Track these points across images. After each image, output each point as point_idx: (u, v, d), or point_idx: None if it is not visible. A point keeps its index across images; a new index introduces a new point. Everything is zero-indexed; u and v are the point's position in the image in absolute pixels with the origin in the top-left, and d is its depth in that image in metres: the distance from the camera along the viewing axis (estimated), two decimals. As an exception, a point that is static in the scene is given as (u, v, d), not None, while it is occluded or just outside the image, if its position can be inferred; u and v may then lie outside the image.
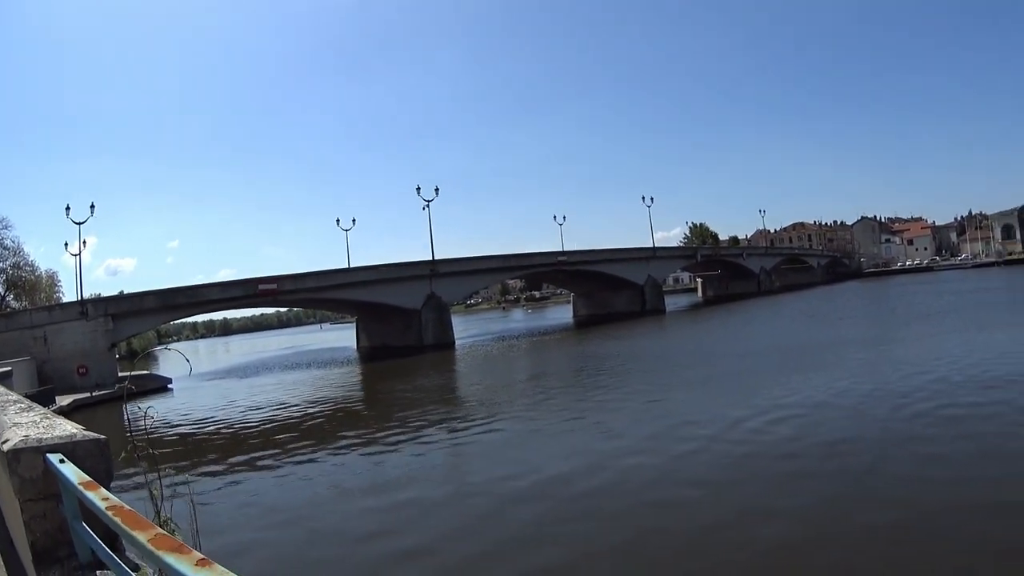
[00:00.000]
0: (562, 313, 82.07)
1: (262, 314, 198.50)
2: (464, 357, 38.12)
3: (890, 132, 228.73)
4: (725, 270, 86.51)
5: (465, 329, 70.45)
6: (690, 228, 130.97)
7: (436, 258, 49.40)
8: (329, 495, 10.93)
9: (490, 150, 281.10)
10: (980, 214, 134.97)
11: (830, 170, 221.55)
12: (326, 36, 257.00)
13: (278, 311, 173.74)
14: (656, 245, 74.59)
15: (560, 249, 60.78)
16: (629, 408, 16.07)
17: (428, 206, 51.30)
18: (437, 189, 52.72)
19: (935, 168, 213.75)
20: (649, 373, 21.91)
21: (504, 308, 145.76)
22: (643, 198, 74.69)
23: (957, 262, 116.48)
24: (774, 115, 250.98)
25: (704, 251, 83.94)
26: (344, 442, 15.37)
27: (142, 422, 6.55)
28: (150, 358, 59.54)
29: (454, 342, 47.70)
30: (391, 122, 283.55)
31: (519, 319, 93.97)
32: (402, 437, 15.17)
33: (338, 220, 53.38)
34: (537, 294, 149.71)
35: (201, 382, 37.11)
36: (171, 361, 47.12)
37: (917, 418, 11.79)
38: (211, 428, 20.67)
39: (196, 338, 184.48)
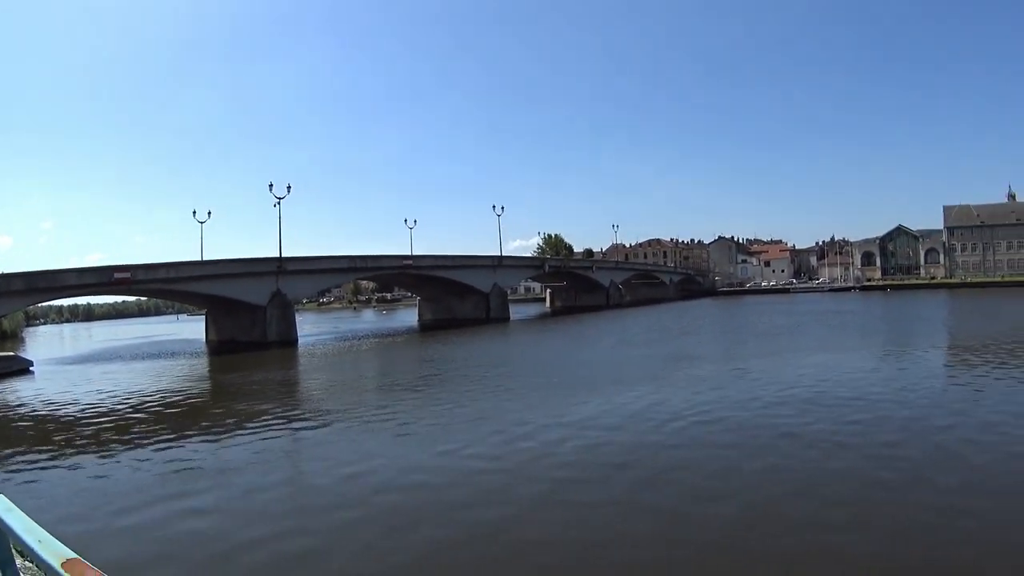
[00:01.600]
0: (411, 316, 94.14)
1: (123, 302, 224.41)
2: (303, 356, 45.87)
3: (762, 157, 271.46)
4: (574, 282, 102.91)
5: (315, 326, 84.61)
6: (544, 239, 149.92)
7: (285, 256, 60.13)
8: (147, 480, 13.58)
9: (353, 148, 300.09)
10: (843, 240, 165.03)
11: (692, 188, 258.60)
12: (202, 24, 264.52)
13: (139, 300, 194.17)
14: (511, 254, 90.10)
15: (409, 253, 72.92)
16: (441, 411, 19.57)
17: (279, 203, 61.98)
18: (289, 187, 63.49)
19: (804, 195, 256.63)
20: (475, 380, 26.70)
21: (355, 308, 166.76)
22: (493, 207, 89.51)
23: (814, 285, 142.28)
24: (641, 131, 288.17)
25: (552, 263, 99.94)
26: (171, 433, 18.81)
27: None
28: (17, 339, 65.43)
29: (297, 339, 57.75)
30: (255, 117, 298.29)
31: (368, 320, 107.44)
32: (220, 430, 18.93)
33: (194, 212, 63.47)
34: (388, 296, 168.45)
35: (64, 366, 45.00)
36: (37, 343, 54.33)
37: (685, 435, 14.76)
38: (61, 413, 24.54)
39: (61, 322, 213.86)
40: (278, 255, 59.73)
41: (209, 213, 64.53)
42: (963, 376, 22.64)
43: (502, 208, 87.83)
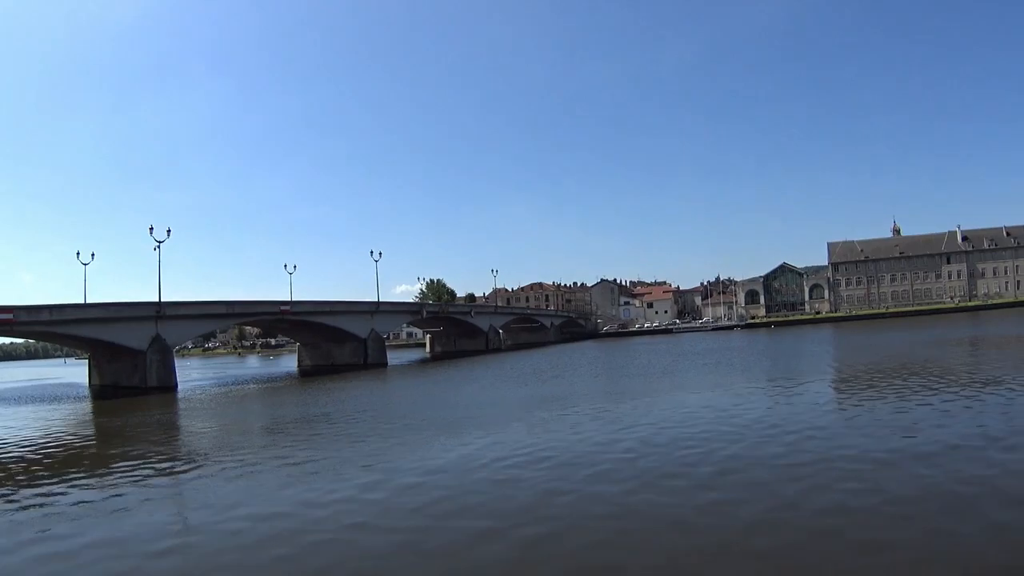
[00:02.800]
0: (293, 362, 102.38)
1: (12, 343, 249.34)
2: (181, 402, 51.39)
3: (646, 201, 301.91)
4: (453, 327, 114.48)
5: (199, 371, 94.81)
6: (426, 284, 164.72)
7: (165, 300, 68.21)
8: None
9: (238, 191, 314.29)
10: (728, 280, 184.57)
11: (576, 232, 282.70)
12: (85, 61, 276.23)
13: (27, 342, 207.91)
14: (392, 300, 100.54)
15: (289, 298, 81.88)
16: (298, 456, 22.21)
17: (159, 247, 70.26)
18: (169, 231, 70.83)
19: (689, 237, 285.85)
20: (343, 425, 30.17)
21: (240, 354, 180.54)
22: (371, 252, 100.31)
23: (697, 325, 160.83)
24: (525, 176, 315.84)
25: (430, 308, 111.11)
26: (48, 476, 21.98)
27: None
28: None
29: (176, 385, 65.38)
30: (141, 156, 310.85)
31: (252, 366, 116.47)
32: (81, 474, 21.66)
33: (78, 253, 70.54)
34: (272, 342, 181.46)
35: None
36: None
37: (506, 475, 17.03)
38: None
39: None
40: (157, 299, 66.90)
41: (93, 255, 71.78)
42: (806, 408, 26.60)
43: (379, 254, 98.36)
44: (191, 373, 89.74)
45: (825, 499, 13.33)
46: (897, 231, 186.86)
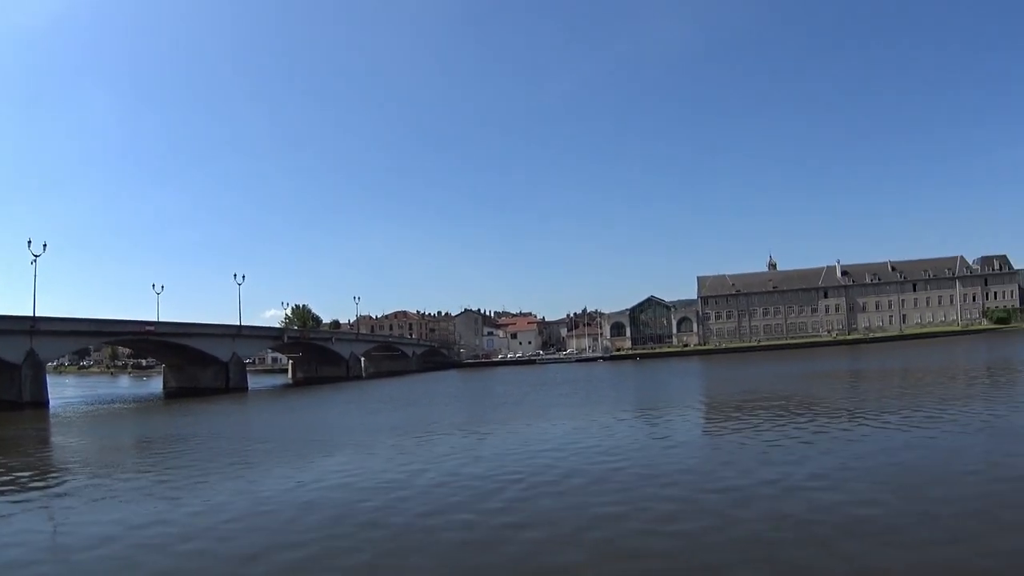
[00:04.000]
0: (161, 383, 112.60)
1: None
2: (54, 417, 61.12)
3: (519, 236, 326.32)
4: (314, 353, 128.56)
5: (73, 388, 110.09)
6: (291, 309, 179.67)
7: (39, 316, 78.56)
8: None
9: (116, 208, 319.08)
10: (595, 312, 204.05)
11: (444, 263, 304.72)
12: None
13: None
14: (256, 324, 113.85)
15: (156, 319, 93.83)
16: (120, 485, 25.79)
17: (35, 261, 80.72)
18: (45, 245, 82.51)
19: (557, 270, 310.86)
20: (181, 454, 34.12)
21: (112, 373, 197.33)
22: (235, 275, 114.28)
23: (561, 356, 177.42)
24: (395, 205, 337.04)
25: (291, 333, 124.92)
26: None
27: None
28: None
29: (48, 401, 75.50)
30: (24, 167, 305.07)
31: (122, 385, 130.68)
32: None
33: None
34: (143, 362, 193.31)
35: None
36: None
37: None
38: None
39: None
40: (32, 314, 76.99)
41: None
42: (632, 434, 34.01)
43: (243, 277, 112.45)
44: (66, 390, 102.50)
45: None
46: (773, 266, 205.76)
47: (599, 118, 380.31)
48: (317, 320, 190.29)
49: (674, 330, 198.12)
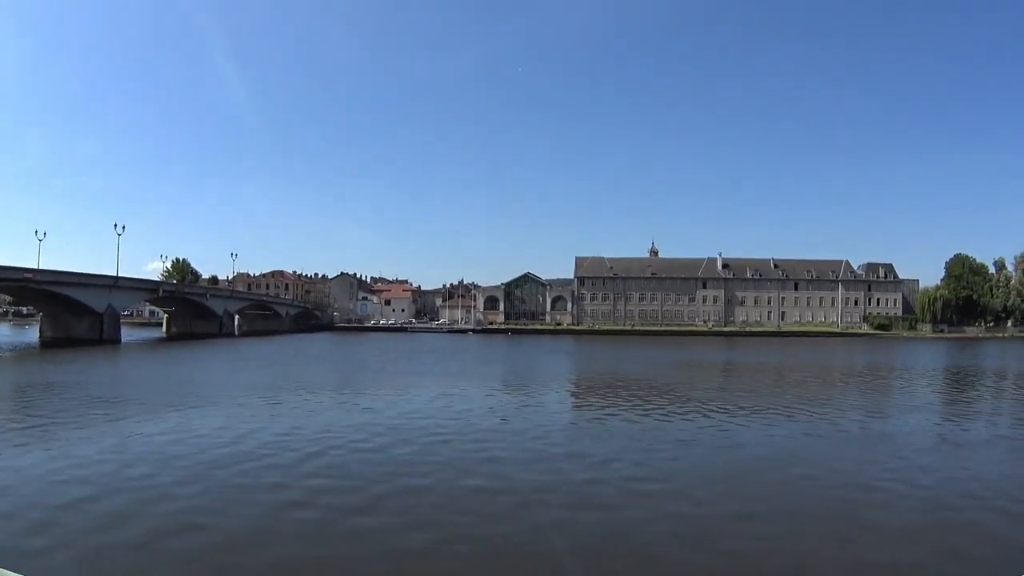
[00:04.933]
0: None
1: None
2: None
3: (401, 205, 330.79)
4: (189, 308, 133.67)
5: None
6: (171, 263, 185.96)
7: None
8: None
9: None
10: (472, 284, 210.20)
11: (324, 224, 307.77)
12: None
13: None
14: (136, 277, 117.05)
15: (37, 266, 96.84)
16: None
17: None
18: None
19: (437, 241, 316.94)
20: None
21: None
22: (115, 225, 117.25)
23: (433, 326, 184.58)
24: (275, 164, 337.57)
25: (166, 287, 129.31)
26: None
27: None
28: None
29: None
30: None
31: (3, 333, 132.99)
32: None
33: None
34: (24, 311, 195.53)
35: None
36: None
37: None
38: None
39: None
40: None
41: None
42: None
43: (123, 227, 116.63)
44: None
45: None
46: (655, 252, 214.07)
47: (496, 91, 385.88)
48: (196, 275, 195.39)
49: (548, 308, 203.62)
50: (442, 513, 17.01)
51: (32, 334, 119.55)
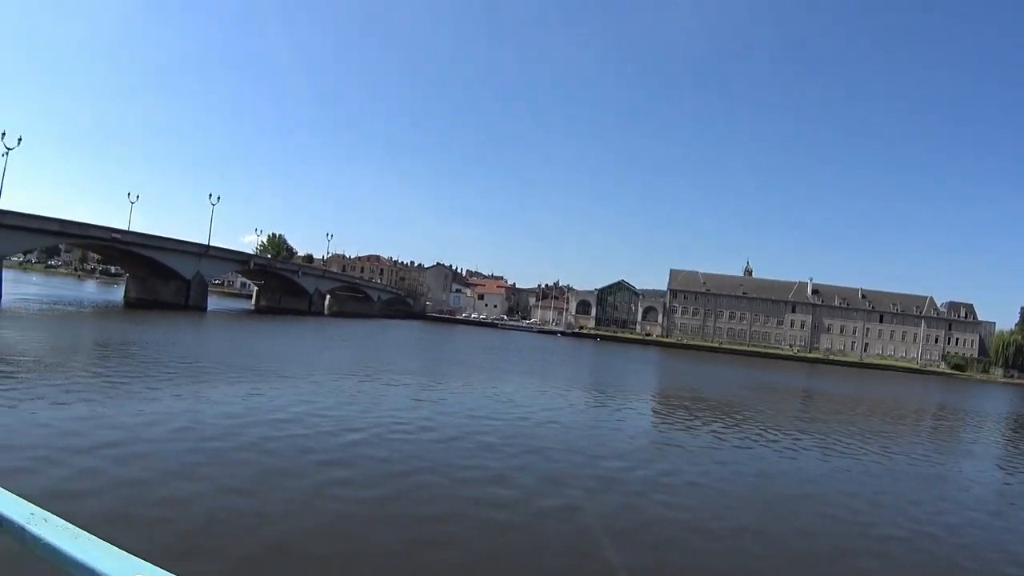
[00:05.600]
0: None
1: None
2: (4, 310, 60.54)
3: (502, 198, 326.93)
4: (279, 283, 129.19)
5: (37, 286, 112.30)
6: (267, 238, 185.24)
7: (1, 208, 78.93)
8: None
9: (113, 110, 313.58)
10: (567, 287, 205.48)
11: (429, 213, 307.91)
12: None
13: None
14: (227, 247, 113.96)
15: (127, 228, 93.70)
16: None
17: (7, 154, 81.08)
18: (20, 139, 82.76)
19: (541, 238, 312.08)
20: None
21: (80, 277, 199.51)
22: (210, 195, 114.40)
23: (524, 324, 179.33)
24: (385, 153, 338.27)
25: (258, 260, 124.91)
26: None
27: None
28: None
29: (0, 295, 75.34)
30: None
31: (87, 290, 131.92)
32: None
33: None
34: (112, 269, 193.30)
35: None
36: None
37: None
38: None
39: None
40: None
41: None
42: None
43: (218, 197, 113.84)
44: (28, 288, 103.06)
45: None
46: (749, 272, 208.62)
47: (606, 101, 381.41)
48: (291, 251, 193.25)
49: (639, 317, 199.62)
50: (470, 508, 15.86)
51: (117, 293, 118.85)
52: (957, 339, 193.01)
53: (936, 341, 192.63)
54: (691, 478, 21.73)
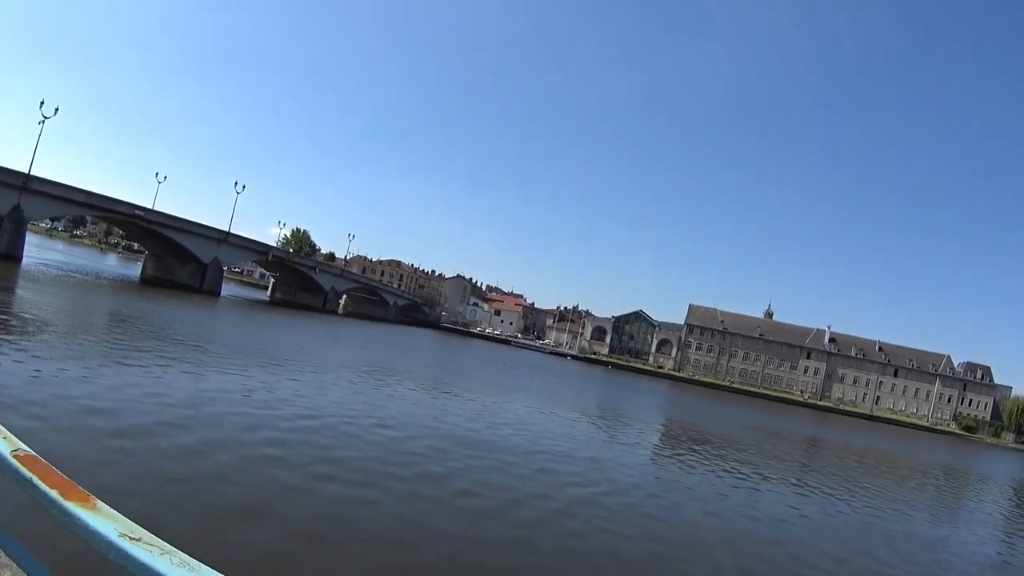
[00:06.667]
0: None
1: None
2: (22, 273, 62.41)
3: (532, 219, 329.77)
4: (296, 277, 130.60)
5: (61, 254, 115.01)
6: (291, 231, 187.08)
7: (33, 174, 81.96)
8: None
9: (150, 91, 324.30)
10: (585, 311, 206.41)
11: (456, 225, 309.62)
12: None
13: None
14: (251, 237, 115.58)
15: (151, 207, 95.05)
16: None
17: (44, 122, 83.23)
18: (57, 109, 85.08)
19: (566, 261, 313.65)
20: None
21: (102, 249, 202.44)
22: (235, 183, 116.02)
23: (537, 344, 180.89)
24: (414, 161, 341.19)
25: (277, 253, 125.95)
26: None
27: None
28: None
29: (22, 257, 77.92)
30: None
31: (108, 263, 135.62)
32: None
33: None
34: (135, 246, 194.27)
35: None
36: None
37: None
38: None
39: None
40: (27, 172, 79.34)
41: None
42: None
43: (243, 187, 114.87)
44: (51, 254, 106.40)
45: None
46: (769, 315, 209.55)
47: (639, 132, 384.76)
48: (313, 247, 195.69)
49: (653, 349, 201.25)
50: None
51: (136, 269, 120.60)
52: (971, 400, 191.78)
53: (949, 400, 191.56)
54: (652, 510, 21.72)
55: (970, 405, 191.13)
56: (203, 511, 13.04)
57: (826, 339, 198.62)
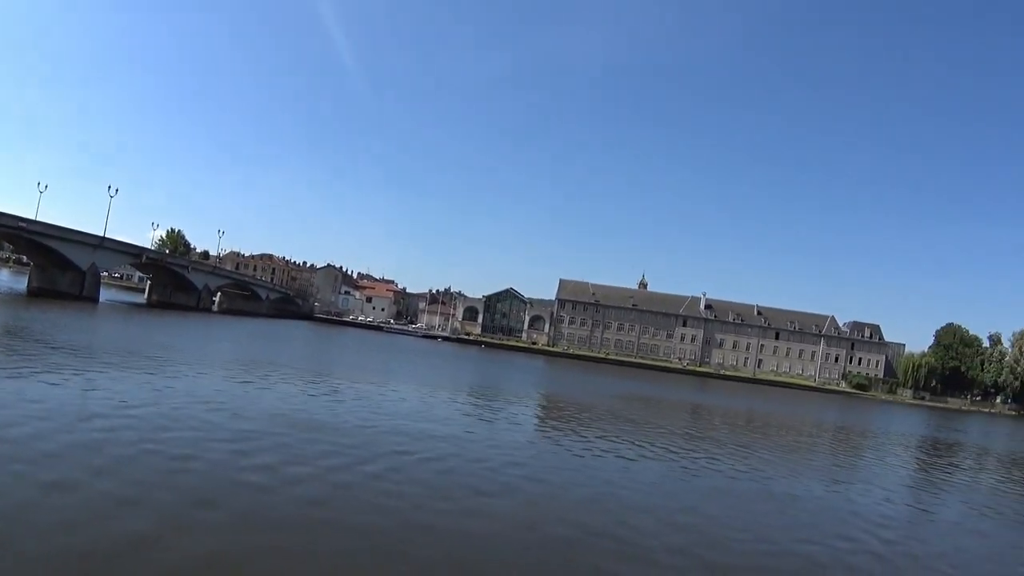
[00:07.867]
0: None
1: None
2: None
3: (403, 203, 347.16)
4: (170, 278, 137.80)
5: None
6: (166, 233, 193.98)
7: None
8: None
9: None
10: (458, 293, 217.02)
11: (330, 213, 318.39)
12: None
13: None
14: (129, 241, 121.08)
15: (34, 217, 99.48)
16: None
17: None
18: None
19: (432, 247, 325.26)
20: None
21: None
22: (108, 187, 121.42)
23: (410, 329, 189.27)
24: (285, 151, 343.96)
25: (150, 254, 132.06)
26: None
27: None
28: None
29: None
30: None
31: (1, 279, 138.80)
32: None
33: None
34: (24, 259, 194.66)
35: None
36: None
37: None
38: None
39: None
40: None
41: None
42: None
43: (116, 190, 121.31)
44: None
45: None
46: (644, 285, 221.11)
47: (516, 100, 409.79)
48: (188, 247, 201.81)
49: (526, 326, 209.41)
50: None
51: (24, 283, 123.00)
52: (860, 359, 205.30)
53: (836, 360, 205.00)
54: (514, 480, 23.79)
55: (860, 364, 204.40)
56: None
57: (702, 306, 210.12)
